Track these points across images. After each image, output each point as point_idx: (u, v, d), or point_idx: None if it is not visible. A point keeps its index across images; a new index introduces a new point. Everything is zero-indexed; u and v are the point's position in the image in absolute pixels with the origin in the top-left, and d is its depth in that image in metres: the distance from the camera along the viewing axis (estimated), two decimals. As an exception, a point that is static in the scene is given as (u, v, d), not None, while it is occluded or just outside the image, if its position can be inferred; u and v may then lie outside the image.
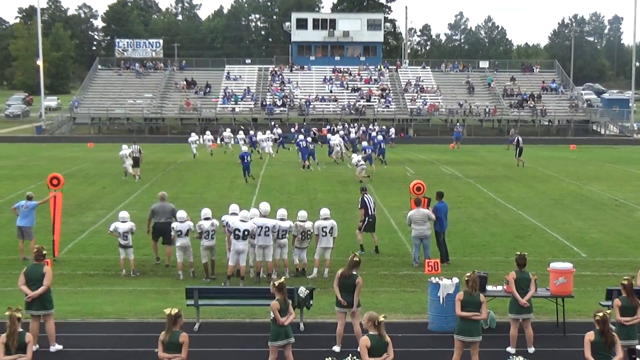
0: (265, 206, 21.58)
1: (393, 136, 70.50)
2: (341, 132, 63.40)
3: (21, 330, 12.04)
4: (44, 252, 15.67)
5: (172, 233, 21.49)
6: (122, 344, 15.79)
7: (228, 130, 66.36)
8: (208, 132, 63.30)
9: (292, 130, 67.32)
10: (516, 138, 54.08)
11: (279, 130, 67.16)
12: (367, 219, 24.32)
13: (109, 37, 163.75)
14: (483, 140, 72.72)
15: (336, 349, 15.20)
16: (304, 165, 49.50)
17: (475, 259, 24.00)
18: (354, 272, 15.10)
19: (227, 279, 20.49)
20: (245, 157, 42.55)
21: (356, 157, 45.06)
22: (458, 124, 79.08)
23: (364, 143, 50.94)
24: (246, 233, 20.36)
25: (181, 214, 21.62)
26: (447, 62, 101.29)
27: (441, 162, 54.11)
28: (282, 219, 21.23)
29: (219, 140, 64.03)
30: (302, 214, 21.88)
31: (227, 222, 20.93)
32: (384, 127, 73.19)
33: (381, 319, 11.65)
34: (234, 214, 21.16)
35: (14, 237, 24.36)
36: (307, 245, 21.73)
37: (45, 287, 15.08)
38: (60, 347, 15.27)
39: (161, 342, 12.04)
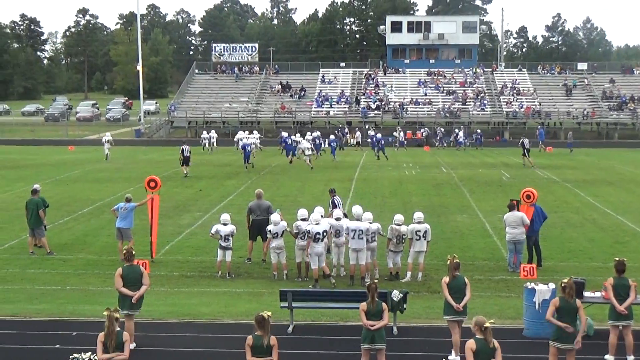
0: (357, 209, 21.60)
1: (461, 140, 70.49)
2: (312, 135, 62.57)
3: (119, 329, 12.30)
4: (133, 252, 15.99)
5: (268, 235, 21.71)
6: (217, 344, 16.01)
7: (213, 131, 70.19)
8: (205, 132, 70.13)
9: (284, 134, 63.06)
10: (521, 140, 54.72)
11: (346, 130, 67.58)
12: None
13: (206, 42, 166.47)
14: (581, 143, 71.19)
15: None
16: (291, 160, 54.38)
17: (572, 264, 23.55)
18: (458, 273, 14.93)
19: (315, 282, 20.62)
20: (247, 147, 51.76)
21: (304, 145, 54.16)
22: (539, 126, 77.63)
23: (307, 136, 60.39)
24: (324, 234, 20.63)
25: (275, 217, 21.77)
26: (544, 64, 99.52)
27: (537, 165, 53.24)
28: (370, 222, 21.25)
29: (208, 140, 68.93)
30: (399, 217, 21.72)
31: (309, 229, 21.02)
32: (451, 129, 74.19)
33: (487, 324, 11.55)
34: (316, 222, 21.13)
35: (114, 238, 24.93)
36: (402, 249, 21.65)
37: (147, 286, 15.53)
38: (133, 345, 15.20)
39: (249, 346, 11.96)
